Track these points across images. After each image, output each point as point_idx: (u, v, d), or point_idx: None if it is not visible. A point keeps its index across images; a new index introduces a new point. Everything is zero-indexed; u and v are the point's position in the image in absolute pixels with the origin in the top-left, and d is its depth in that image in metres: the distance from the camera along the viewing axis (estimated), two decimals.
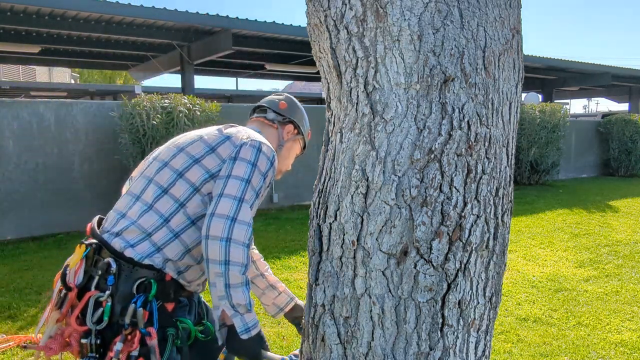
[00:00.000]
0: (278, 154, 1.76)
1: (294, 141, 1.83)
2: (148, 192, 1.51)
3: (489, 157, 1.26)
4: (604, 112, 29.64)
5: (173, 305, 1.50)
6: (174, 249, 1.47)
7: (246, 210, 1.41)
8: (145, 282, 1.43)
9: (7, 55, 11.81)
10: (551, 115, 11.00)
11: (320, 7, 1.30)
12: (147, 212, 1.48)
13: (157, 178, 1.51)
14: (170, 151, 1.56)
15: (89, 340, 1.40)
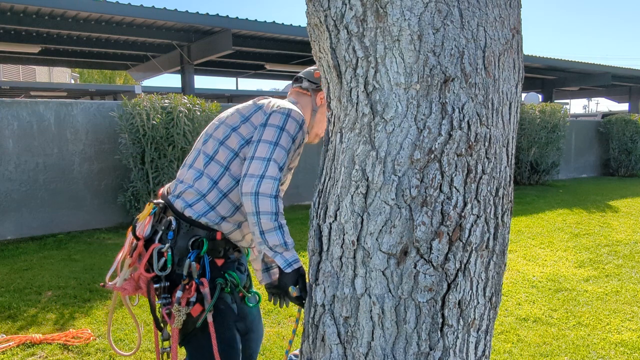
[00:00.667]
0: (313, 118, 1.90)
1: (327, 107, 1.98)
2: (199, 160, 1.76)
3: (489, 157, 1.26)
4: (604, 112, 29.64)
5: (222, 261, 1.74)
6: (225, 207, 1.72)
7: (273, 167, 1.60)
8: (199, 240, 1.68)
9: (7, 55, 11.81)
10: (551, 115, 11.00)
11: (320, 7, 1.30)
12: (200, 177, 1.74)
13: (204, 148, 1.76)
14: (213, 125, 1.81)
15: (161, 284, 1.68)
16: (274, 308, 3.85)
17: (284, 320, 3.62)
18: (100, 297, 4.01)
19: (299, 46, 10.73)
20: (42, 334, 3.27)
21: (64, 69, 25.87)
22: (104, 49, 10.93)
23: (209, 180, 1.72)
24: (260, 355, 3.08)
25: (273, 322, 3.60)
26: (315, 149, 8.67)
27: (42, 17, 8.50)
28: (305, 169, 8.50)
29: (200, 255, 1.68)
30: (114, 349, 2.03)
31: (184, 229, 1.70)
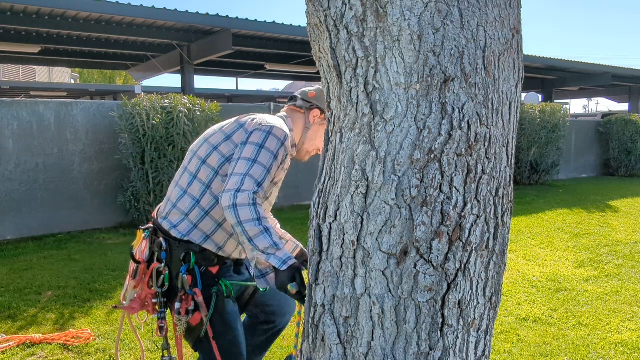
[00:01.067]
0: (304, 135, 1.98)
1: (321, 125, 2.00)
2: (184, 179, 1.85)
3: (489, 157, 1.26)
4: (604, 112, 29.64)
5: (217, 268, 1.84)
6: (207, 224, 1.81)
7: (249, 182, 1.66)
8: (188, 253, 1.79)
9: (7, 55, 11.81)
10: (551, 115, 11.00)
11: (320, 7, 1.30)
12: (183, 196, 1.83)
13: (189, 166, 1.85)
14: (199, 142, 1.88)
15: (158, 299, 1.83)
16: None
17: None
18: (100, 297, 4.01)
19: (299, 46, 10.73)
20: (42, 334, 3.27)
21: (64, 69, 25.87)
22: (104, 49, 10.93)
23: (192, 200, 1.82)
24: None
25: None
26: None
27: (42, 17, 8.50)
28: (305, 169, 8.50)
29: (191, 268, 1.79)
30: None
31: (174, 247, 1.81)
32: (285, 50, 10.93)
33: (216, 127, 1.90)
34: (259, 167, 1.70)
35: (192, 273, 1.79)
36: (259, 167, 1.70)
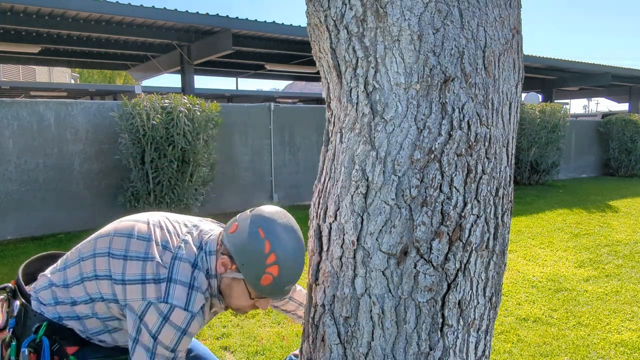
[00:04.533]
0: (221, 290, 1.43)
1: (233, 280, 1.40)
2: (72, 271, 1.45)
3: (489, 157, 1.26)
4: (604, 112, 29.63)
5: (76, 349, 1.44)
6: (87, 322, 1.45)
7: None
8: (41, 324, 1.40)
9: (7, 55, 11.80)
10: (551, 115, 11.00)
11: (320, 7, 1.30)
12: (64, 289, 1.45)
13: (83, 266, 1.44)
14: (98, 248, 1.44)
15: None
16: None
17: (283, 320, 3.62)
18: None
19: (299, 46, 10.73)
20: None
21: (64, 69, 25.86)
22: (104, 49, 10.93)
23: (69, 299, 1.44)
24: (260, 355, 3.08)
25: (273, 322, 3.60)
26: (315, 148, 8.67)
27: (42, 17, 8.50)
28: (305, 169, 8.50)
29: (37, 341, 1.39)
30: None
31: (31, 315, 1.43)
32: (285, 50, 10.92)
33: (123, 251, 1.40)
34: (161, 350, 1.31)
35: (38, 349, 1.39)
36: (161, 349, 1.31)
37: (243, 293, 1.39)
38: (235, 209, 7.97)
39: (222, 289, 1.41)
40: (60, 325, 1.42)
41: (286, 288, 1.37)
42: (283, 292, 1.37)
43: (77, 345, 1.44)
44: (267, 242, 1.33)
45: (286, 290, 1.38)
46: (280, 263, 1.32)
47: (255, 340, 3.30)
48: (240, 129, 7.82)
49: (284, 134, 8.42)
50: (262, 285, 1.34)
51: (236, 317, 3.67)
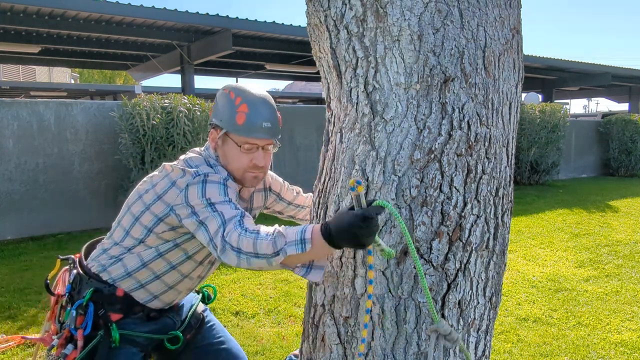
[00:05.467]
0: (223, 163, 1.58)
1: (223, 143, 1.57)
2: (117, 233, 1.61)
3: (489, 157, 1.26)
4: (604, 112, 29.62)
5: (120, 317, 1.56)
6: (142, 274, 1.57)
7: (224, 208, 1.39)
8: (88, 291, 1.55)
9: (7, 55, 11.80)
10: (551, 115, 11.00)
11: (320, 7, 1.30)
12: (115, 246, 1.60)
13: (123, 221, 1.60)
14: (133, 197, 1.61)
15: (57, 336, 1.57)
16: (273, 308, 3.85)
17: (284, 320, 3.63)
18: None
19: (299, 46, 10.73)
20: None
21: (64, 69, 25.86)
22: (104, 49, 10.93)
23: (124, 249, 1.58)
24: (260, 355, 3.08)
25: (273, 322, 3.60)
26: (315, 148, 8.67)
27: (42, 17, 8.50)
28: (306, 169, 8.50)
29: (84, 305, 1.53)
30: None
31: (85, 282, 1.58)
32: (285, 50, 10.92)
33: (148, 179, 1.61)
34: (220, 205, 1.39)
35: (86, 312, 1.53)
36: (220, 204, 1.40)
37: (233, 148, 1.53)
38: None
39: (223, 162, 1.57)
40: (109, 292, 1.55)
41: (264, 125, 1.51)
42: (262, 129, 1.50)
43: (121, 313, 1.56)
44: (234, 94, 1.54)
45: (265, 128, 1.51)
46: (247, 101, 1.50)
47: (255, 340, 3.30)
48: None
49: (284, 134, 8.42)
50: (240, 125, 1.50)
51: (236, 317, 3.67)
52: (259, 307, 3.88)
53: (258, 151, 1.53)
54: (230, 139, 1.53)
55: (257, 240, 1.28)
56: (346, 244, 1.17)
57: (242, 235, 1.30)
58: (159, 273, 1.57)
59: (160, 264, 1.56)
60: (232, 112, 1.51)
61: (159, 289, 1.59)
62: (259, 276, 4.66)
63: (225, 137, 1.54)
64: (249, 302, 3.99)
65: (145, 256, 1.55)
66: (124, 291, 1.56)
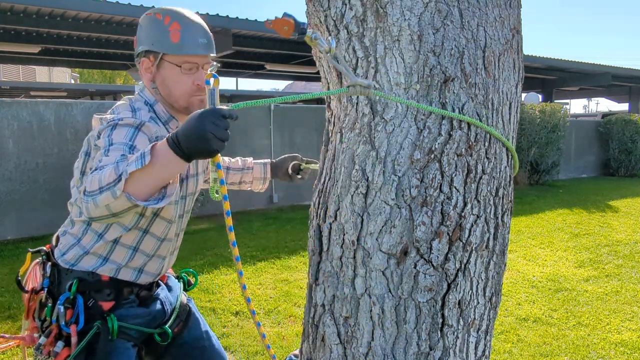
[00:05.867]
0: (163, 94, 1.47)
1: (160, 69, 1.45)
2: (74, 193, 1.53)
3: (489, 157, 1.26)
4: (604, 112, 29.62)
5: (112, 304, 1.47)
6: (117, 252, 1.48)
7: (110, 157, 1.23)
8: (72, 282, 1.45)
9: (7, 55, 11.80)
10: (551, 115, 11.00)
11: (320, 7, 1.30)
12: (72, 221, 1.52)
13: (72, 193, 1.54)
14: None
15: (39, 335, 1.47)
16: (273, 308, 3.85)
17: (284, 320, 3.63)
18: None
19: (299, 46, 10.73)
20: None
21: (64, 69, 25.86)
22: (104, 49, 10.93)
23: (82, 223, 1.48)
24: (260, 355, 3.08)
25: (273, 322, 3.60)
26: (315, 148, 8.67)
27: (42, 17, 8.50)
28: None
29: (71, 298, 1.43)
30: None
31: (64, 274, 1.47)
32: (285, 50, 10.92)
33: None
34: (116, 146, 1.26)
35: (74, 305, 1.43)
36: (116, 146, 1.26)
37: (172, 72, 1.44)
38: (235, 209, 7.97)
39: (163, 93, 1.46)
40: (94, 279, 1.46)
41: (200, 41, 1.44)
42: (200, 45, 1.44)
43: (112, 300, 1.47)
44: (161, 15, 1.44)
45: (202, 44, 1.45)
46: (178, 19, 1.43)
47: (255, 340, 3.30)
48: (240, 129, 7.82)
49: (284, 134, 8.42)
50: (177, 43, 1.42)
51: (236, 317, 3.67)
52: (259, 307, 3.88)
53: (199, 71, 1.45)
54: (168, 62, 1.43)
55: (102, 173, 1.13)
56: (194, 147, 1.06)
57: (92, 175, 1.15)
58: (135, 245, 1.48)
59: (132, 234, 1.46)
60: (165, 33, 1.42)
61: (140, 262, 1.51)
62: (259, 276, 4.67)
63: (162, 62, 1.43)
64: None
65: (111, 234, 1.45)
66: (109, 276, 1.48)
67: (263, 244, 5.87)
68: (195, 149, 1.07)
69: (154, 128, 1.39)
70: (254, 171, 1.90)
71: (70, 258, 1.47)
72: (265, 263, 5.09)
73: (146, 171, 1.11)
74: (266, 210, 8.15)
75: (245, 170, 1.91)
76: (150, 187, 1.14)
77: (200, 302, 3.93)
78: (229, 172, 1.89)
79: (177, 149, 1.08)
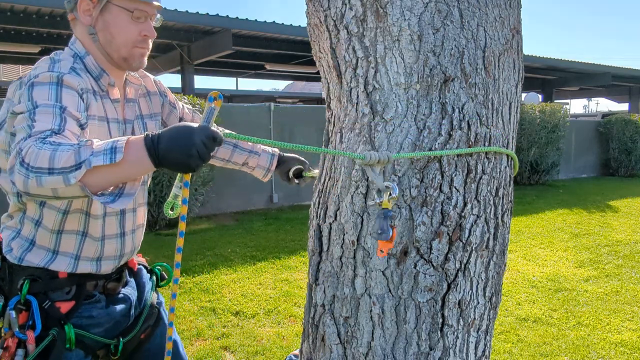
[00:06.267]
0: (100, 42, 1.34)
1: (104, 13, 1.33)
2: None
3: (489, 157, 1.26)
4: (604, 112, 29.62)
5: (72, 304, 1.32)
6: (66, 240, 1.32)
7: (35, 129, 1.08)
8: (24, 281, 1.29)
9: (7, 55, 11.81)
10: (551, 115, 11.00)
11: (320, 7, 1.30)
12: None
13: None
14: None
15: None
16: (273, 308, 3.85)
17: (284, 321, 3.63)
18: None
19: (299, 46, 10.73)
20: None
21: None
22: None
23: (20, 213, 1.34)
24: (260, 355, 3.09)
25: (273, 322, 3.60)
26: None
27: (42, 17, 8.50)
28: None
29: (23, 301, 1.27)
30: None
31: (16, 270, 1.31)
32: (285, 50, 10.92)
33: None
34: (42, 109, 1.12)
35: (28, 308, 1.27)
36: (42, 108, 1.12)
37: (120, 17, 1.32)
38: (235, 209, 7.98)
39: (103, 40, 1.33)
40: (49, 276, 1.30)
41: None
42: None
43: (72, 300, 1.32)
44: None
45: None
46: None
47: (255, 340, 3.30)
48: (240, 129, 7.80)
49: (284, 134, 8.42)
50: None
51: (236, 317, 3.67)
52: (259, 307, 3.88)
53: (147, 21, 1.36)
54: (117, 5, 1.31)
55: (57, 152, 1.00)
56: (173, 158, 0.99)
57: (40, 148, 1.01)
58: (82, 229, 1.33)
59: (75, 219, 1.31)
60: None
61: (94, 248, 1.35)
62: (259, 276, 4.67)
63: (108, 5, 1.31)
64: (249, 302, 3.99)
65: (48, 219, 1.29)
66: (67, 272, 1.32)
67: (263, 244, 5.87)
68: (174, 159, 1.00)
69: (75, 80, 1.23)
70: (260, 158, 1.78)
71: (16, 252, 1.32)
72: (265, 263, 5.09)
73: (112, 167, 1.01)
74: (266, 210, 8.15)
75: (252, 154, 1.78)
76: (109, 183, 1.05)
77: (200, 302, 3.93)
78: (235, 151, 1.75)
79: (153, 152, 1.01)
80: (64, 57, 1.32)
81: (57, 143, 1.03)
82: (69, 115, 1.14)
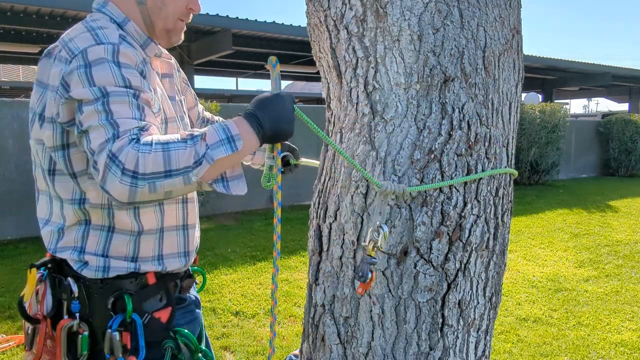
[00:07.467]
0: (146, 12, 1.21)
1: None
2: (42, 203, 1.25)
3: (489, 157, 1.26)
4: (604, 112, 29.61)
5: (169, 311, 1.18)
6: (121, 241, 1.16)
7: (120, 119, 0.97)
8: (118, 296, 1.13)
9: (7, 55, 11.81)
10: (551, 115, 11.00)
11: (320, 7, 1.30)
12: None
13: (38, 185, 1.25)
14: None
15: None
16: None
17: (284, 321, 3.63)
18: None
19: (299, 46, 10.73)
20: None
21: None
22: None
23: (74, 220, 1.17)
24: (260, 355, 3.09)
25: None
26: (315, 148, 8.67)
27: (42, 17, 8.51)
28: (305, 169, 8.50)
29: (128, 320, 1.12)
30: None
31: (96, 290, 1.14)
32: (285, 50, 10.93)
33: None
34: (115, 98, 0.98)
35: (129, 328, 1.12)
36: (115, 97, 0.98)
37: None
38: (235, 209, 7.98)
39: (152, 5, 1.20)
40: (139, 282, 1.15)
41: None
42: None
43: (168, 306, 1.18)
44: None
45: None
46: None
47: (255, 340, 3.30)
48: None
49: None
50: None
51: (236, 317, 3.67)
52: (259, 307, 3.88)
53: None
54: None
55: (171, 153, 0.91)
56: (280, 131, 0.97)
57: (145, 151, 0.91)
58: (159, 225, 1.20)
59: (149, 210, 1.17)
60: None
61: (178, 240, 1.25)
62: (259, 276, 4.67)
63: None
64: (249, 302, 3.99)
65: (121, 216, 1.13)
66: (155, 271, 1.18)
67: (263, 244, 5.86)
68: (280, 131, 0.98)
69: (131, 52, 1.07)
70: None
71: (94, 263, 1.14)
72: (265, 263, 5.08)
73: (229, 156, 0.95)
74: (266, 210, 8.15)
75: None
76: (220, 173, 0.98)
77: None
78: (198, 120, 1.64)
79: (260, 130, 0.96)
80: (103, 23, 1.13)
81: (162, 142, 0.93)
82: (143, 102, 1.02)
